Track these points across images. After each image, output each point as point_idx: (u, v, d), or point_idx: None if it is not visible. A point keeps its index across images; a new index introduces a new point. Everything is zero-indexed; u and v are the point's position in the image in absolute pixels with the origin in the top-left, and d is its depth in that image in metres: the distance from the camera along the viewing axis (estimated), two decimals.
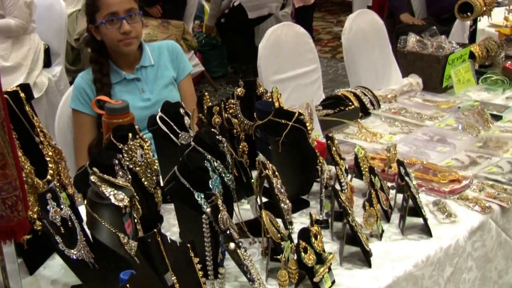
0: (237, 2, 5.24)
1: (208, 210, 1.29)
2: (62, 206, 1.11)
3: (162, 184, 1.50)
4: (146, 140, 1.49)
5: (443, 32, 3.07)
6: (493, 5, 2.75)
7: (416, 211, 1.59)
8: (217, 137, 1.48)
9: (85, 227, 1.18)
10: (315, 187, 1.73)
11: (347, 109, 2.32)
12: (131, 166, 1.39)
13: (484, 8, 2.70)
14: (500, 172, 1.84)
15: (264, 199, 1.54)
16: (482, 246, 1.65)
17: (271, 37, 2.71)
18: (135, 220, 1.23)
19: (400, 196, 1.66)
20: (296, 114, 1.64)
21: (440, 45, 2.61)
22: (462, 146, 2.04)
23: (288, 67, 2.73)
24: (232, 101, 1.77)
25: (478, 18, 2.84)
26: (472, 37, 2.91)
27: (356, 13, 3.06)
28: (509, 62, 2.63)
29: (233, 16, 5.30)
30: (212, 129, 1.56)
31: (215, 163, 1.42)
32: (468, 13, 2.71)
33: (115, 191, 1.15)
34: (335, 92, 2.51)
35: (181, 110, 1.68)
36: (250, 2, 5.16)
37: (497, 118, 2.25)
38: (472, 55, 2.68)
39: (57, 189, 1.14)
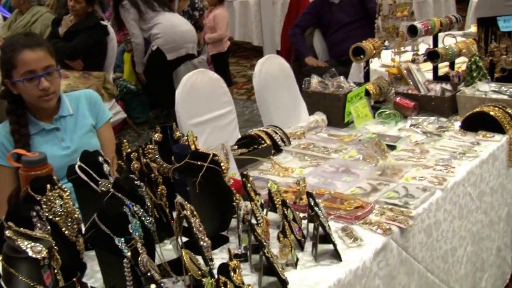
0: (155, 46, 5.20)
1: (129, 254, 1.23)
2: None
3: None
4: (66, 189, 1.42)
5: (343, 73, 3.17)
6: (381, 48, 2.86)
7: (327, 238, 1.60)
8: (136, 182, 1.44)
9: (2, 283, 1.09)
10: (234, 222, 1.70)
11: (260, 147, 2.32)
12: (51, 217, 1.32)
13: (374, 51, 2.80)
14: (397, 197, 1.89)
15: (185, 239, 1.50)
16: (386, 265, 1.67)
17: (187, 83, 2.68)
18: (55, 271, 1.16)
19: (312, 225, 1.65)
20: (211, 156, 1.62)
21: (339, 84, 2.68)
22: (364, 175, 2.08)
23: (204, 110, 2.70)
24: (151, 146, 1.73)
25: (370, 60, 2.94)
26: (367, 77, 3.00)
27: (264, 58, 3.09)
28: (398, 98, 2.73)
29: (153, 59, 5.24)
30: (131, 175, 1.52)
31: (134, 207, 1.37)
32: (361, 56, 2.80)
33: (32, 244, 1.08)
34: (249, 132, 2.51)
35: (100, 158, 1.62)
36: (168, 45, 5.12)
37: (392, 148, 2.31)
38: (367, 93, 2.76)
39: None
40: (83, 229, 1.47)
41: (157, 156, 1.72)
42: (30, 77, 2.05)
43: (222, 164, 1.64)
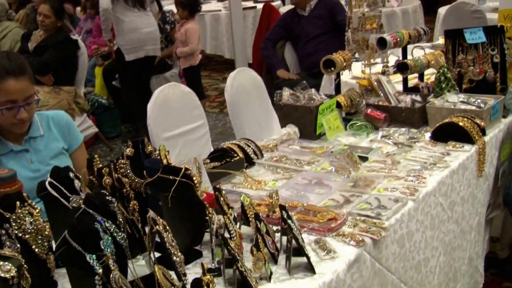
0: (115, 46, 5.18)
1: (100, 270, 1.22)
2: None
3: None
4: (36, 206, 1.40)
5: (315, 85, 3.19)
6: (351, 60, 2.89)
7: (300, 251, 1.60)
8: (107, 197, 1.43)
9: None
10: (207, 237, 1.70)
11: (232, 160, 2.33)
12: (20, 235, 1.30)
13: (345, 64, 2.83)
14: (369, 208, 1.90)
15: (158, 254, 1.50)
16: (360, 277, 1.69)
17: (159, 97, 2.68)
18: None
19: (285, 238, 1.66)
20: (183, 170, 1.62)
21: (311, 97, 2.70)
22: (337, 186, 2.09)
23: (176, 124, 2.70)
24: (122, 161, 1.73)
25: (341, 72, 2.97)
26: (338, 89, 3.03)
27: (236, 71, 3.10)
28: (370, 109, 2.76)
29: (116, 59, 5.24)
30: (103, 190, 1.51)
31: (106, 223, 1.36)
32: (332, 68, 2.83)
33: (1, 263, 1.07)
34: (221, 145, 2.52)
35: (71, 174, 1.61)
36: (127, 45, 5.10)
37: (364, 159, 2.33)
38: (339, 105, 2.78)
39: None
40: (54, 246, 1.45)
41: (129, 171, 1.72)
42: (10, 107, 2.00)
43: (194, 178, 1.64)
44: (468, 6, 4.97)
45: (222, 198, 1.72)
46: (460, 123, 2.47)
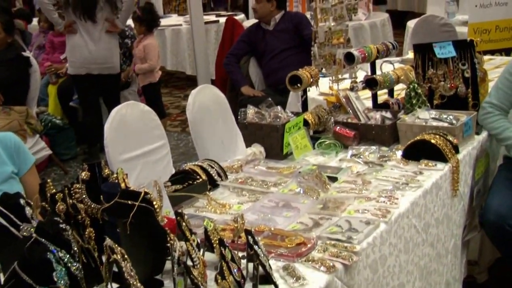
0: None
1: None
2: None
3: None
4: None
5: (281, 102, 3.22)
6: (318, 76, 2.92)
7: (267, 278, 1.60)
8: (61, 225, 1.41)
9: None
10: (168, 265, 1.68)
11: (195, 182, 2.32)
12: None
13: (311, 80, 2.87)
14: (340, 231, 1.91)
15: (115, 285, 1.48)
16: None
17: (116, 117, 2.66)
18: None
19: (251, 265, 1.66)
20: (142, 194, 1.61)
21: (277, 115, 2.72)
22: (305, 209, 2.10)
23: (135, 145, 2.68)
24: (77, 186, 1.71)
25: (308, 89, 3.00)
26: (305, 106, 3.06)
27: (198, 88, 3.10)
28: (338, 127, 2.79)
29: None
30: (56, 218, 1.49)
31: (59, 253, 1.35)
32: (298, 84, 2.86)
33: None
34: (183, 167, 2.51)
35: (21, 201, 1.58)
36: (71, 57, 5.09)
37: (333, 179, 2.34)
38: (306, 122, 2.80)
39: None
40: (2, 280, 1.42)
41: (84, 196, 1.70)
42: None
43: (154, 203, 1.63)
44: (437, 20, 5.11)
45: (184, 223, 1.70)
46: (432, 141, 2.51)
